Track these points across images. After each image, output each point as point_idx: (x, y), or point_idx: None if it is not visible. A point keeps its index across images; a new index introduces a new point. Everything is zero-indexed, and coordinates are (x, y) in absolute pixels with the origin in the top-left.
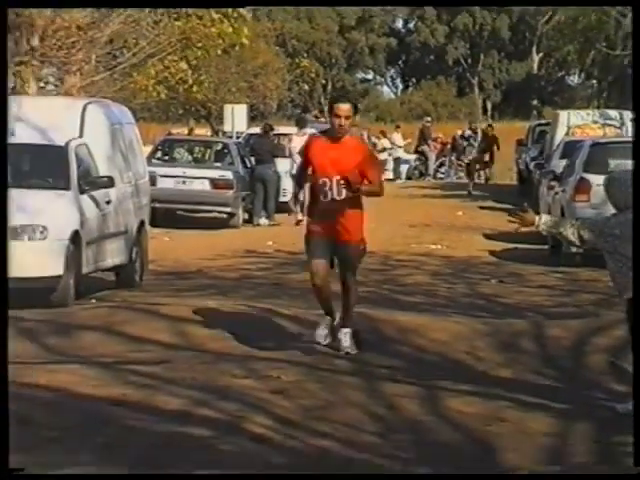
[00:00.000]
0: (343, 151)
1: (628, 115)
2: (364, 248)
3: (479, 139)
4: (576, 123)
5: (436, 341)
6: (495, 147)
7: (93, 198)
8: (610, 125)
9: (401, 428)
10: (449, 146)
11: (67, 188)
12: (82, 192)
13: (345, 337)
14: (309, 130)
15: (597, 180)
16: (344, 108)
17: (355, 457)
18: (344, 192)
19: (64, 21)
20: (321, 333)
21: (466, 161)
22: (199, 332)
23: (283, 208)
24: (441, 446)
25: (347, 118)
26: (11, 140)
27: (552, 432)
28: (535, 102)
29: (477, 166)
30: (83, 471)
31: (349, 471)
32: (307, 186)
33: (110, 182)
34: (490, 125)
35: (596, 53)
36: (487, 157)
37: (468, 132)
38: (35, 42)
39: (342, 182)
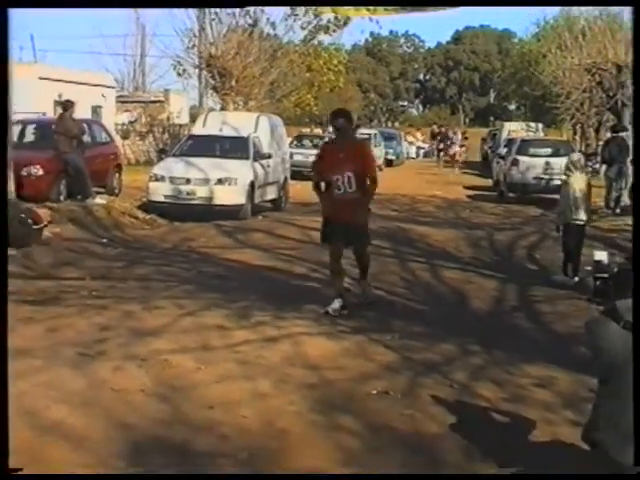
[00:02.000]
0: (349, 153)
1: (539, 126)
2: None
3: (460, 137)
4: (512, 129)
5: (437, 241)
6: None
7: (261, 164)
8: (530, 130)
9: (416, 285)
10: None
11: (247, 158)
12: (255, 160)
13: (364, 284)
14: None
15: (522, 159)
16: (336, 121)
17: (393, 300)
18: (354, 185)
19: (248, 72)
20: (334, 307)
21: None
22: (315, 234)
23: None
24: (438, 295)
25: (339, 129)
26: (220, 134)
27: (498, 288)
28: (492, 118)
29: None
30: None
31: (390, 307)
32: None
33: (269, 156)
34: (465, 131)
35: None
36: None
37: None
38: (233, 83)
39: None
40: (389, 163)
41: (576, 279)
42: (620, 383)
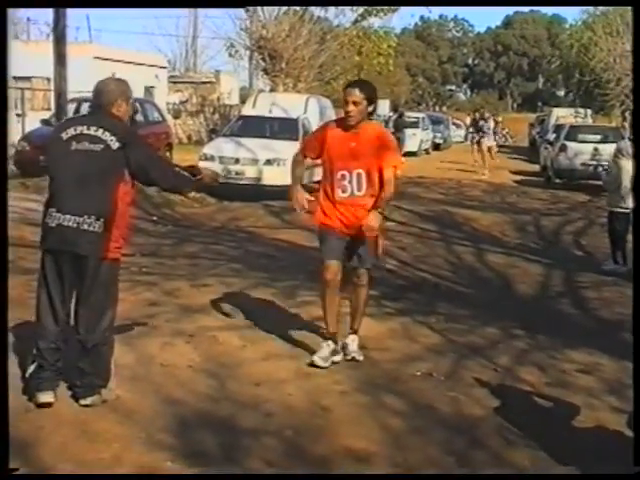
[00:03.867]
0: (361, 141)
1: (588, 112)
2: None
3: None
4: (561, 115)
5: (483, 225)
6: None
7: None
8: (579, 116)
9: (463, 269)
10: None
11: (296, 139)
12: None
13: (353, 343)
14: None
15: (570, 144)
16: (352, 92)
17: (439, 282)
18: (364, 187)
19: (298, 55)
20: (322, 355)
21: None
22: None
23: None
24: (483, 279)
25: (355, 104)
26: (270, 115)
27: (543, 274)
28: (540, 104)
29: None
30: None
31: (436, 289)
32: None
33: None
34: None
35: (573, 79)
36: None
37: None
38: (283, 65)
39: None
40: (436, 147)
41: (628, 266)
42: None
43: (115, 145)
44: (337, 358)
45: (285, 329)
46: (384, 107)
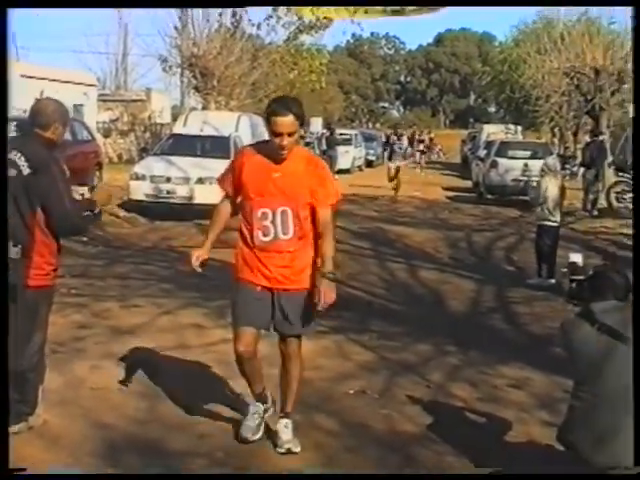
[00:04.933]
0: (287, 171)
1: (518, 128)
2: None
3: (405, 144)
4: (492, 131)
5: (416, 242)
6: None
7: None
8: (509, 133)
9: (395, 286)
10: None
11: (228, 157)
12: None
13: (286, 430)
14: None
15: (501, 161)
16: (286, 122)
17: (371, 300)
18: (291, 228)
19: (229, 72)
20: (250, 425)
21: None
22: None
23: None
24: (416, 295)
25: (291, 135)
26: (200, 133)
27: (475, 290)
28: (471, 120)
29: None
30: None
31: (369, 307)
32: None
33: None
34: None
35: (504, 96)
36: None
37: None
38: (215, 83)
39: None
40: (369, 164)
41: (552, 281)
42: (594, 385)
43: (26, 171)
44: (270, 413)
45: (216, 350)
46: (317, 125)
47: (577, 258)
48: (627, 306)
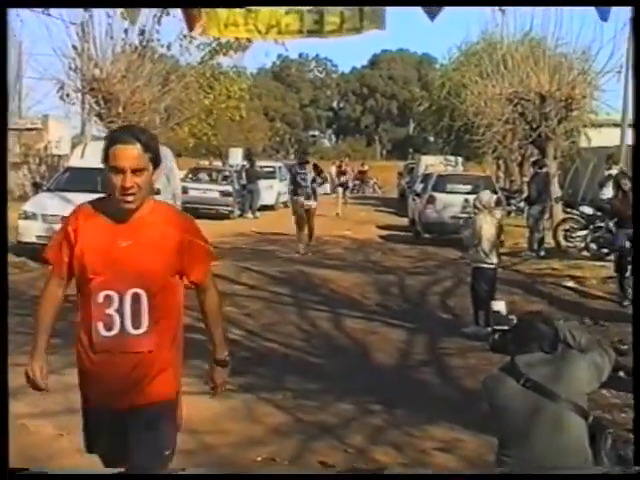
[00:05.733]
0: (141, 237)
1: (459, 159)
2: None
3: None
4: (430, 163)
5: (342, 287)
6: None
7: None
8: (449, 164)
9: (317, 337)
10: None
11: None
12: None
13: None
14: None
15: (439, 196)
16: (129, 154)
17: (289, 353)
18: (146, 319)
19: (137, 98)
20: None
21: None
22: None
23: (260, 208)
24: (339, 347)
25: (138, 173)
26: (100, 166)
27: (405, 340)
28: (411, 150)
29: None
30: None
31: (284, 361)
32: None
33: (157, 191)
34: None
35: (444, 124)
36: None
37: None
38: (120, 110)
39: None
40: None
41: (489, 329)
42: (520, 448)
43: None
44: None
45: None
46: (236, 156)
47: (499, 306)
48: (555, 358)
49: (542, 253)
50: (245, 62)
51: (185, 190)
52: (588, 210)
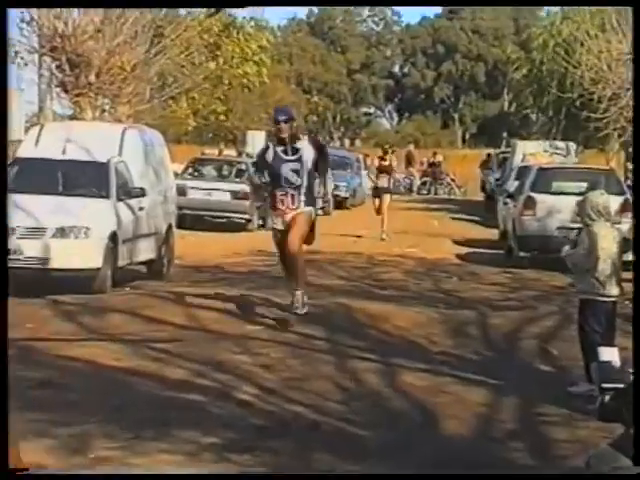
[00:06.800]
0: None
1: (572, 146)
2: None
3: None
4: (529, 151)
5: (399, 327)
6: None
7: (128, 205)
8: (557, 154)
9: (361, 397)
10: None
11: (107, 196)
12: (119, 200)
13: None
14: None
15: (541, 198)
16: None
17: (320, 420)
18: None
19: (116, 61)
20: None
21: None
22: (209, 316)
23: None
24: (393, 413)
25: None
26: (62, 157)
27: (487, 403)
28: (505, 134)
29: None
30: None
31: (314, 432)
32: None
33: (142, 192)
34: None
35: (550, 96)
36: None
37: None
38: (92, 78)
39: None
40: (340, 204)
41: (596, 387)
42: None
43: None
44: None
45: None
46: (257, 142)
47: (611, 355)
48: None
49: None
50: (268, 12)
51: (183, 191)
52: None
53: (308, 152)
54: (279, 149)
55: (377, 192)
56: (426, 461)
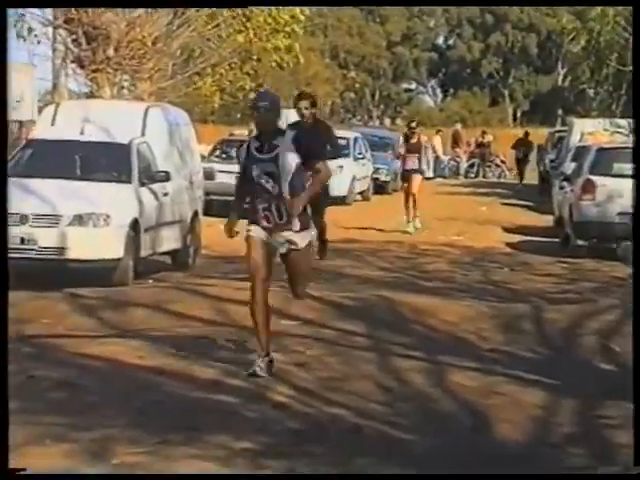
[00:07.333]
0: None
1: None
2: None
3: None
4: (588, 130)
5: (446, 322)
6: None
7: (152, 191)
8: (619, 132)
9: (407, 398)
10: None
11: (128, 181)
12: (141, 185)
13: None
14: None
15: (601, 181)
16: None
17: (362, 424)
18: None
19: (136, 34)
20: None
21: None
22: (240, 310)
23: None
24: (441, 416)
25: None
26: (80, 138)
27: (544, 405)
28: (560, 111)
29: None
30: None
31: (356, 435)
32: None
33: (167, 177)
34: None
35: (610, 69)
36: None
37: (481, 139)
38: (110, 52)
39: None
40: (380, 188)
41: None
42: None
43: None
44: None
45: None
46: (292, 119)
47: None
48: None
49: None
50: None
51: (210, 174)
52: None
53: (288, 151)
54: (254, 145)
55: (405, 175)
56: (476, 467)
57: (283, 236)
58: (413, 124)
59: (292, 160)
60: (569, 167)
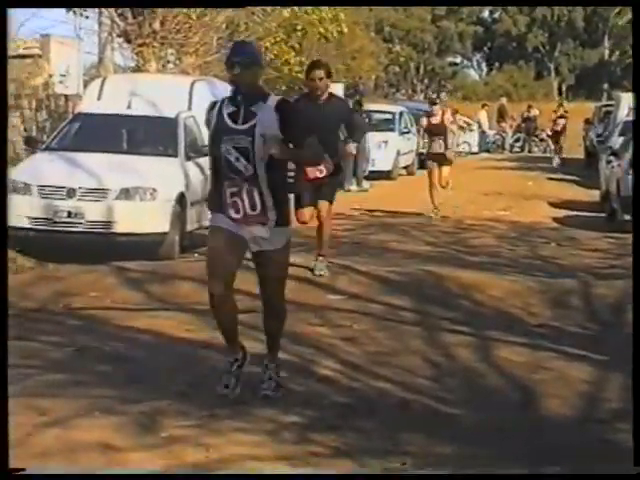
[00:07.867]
0: None
1: None
2: None
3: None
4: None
5: (493, 297)
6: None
7: (198, 165)
8: None
9: (454, 374)
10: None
11: (175, 155)
12: (188, 159)
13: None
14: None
15: None
16: None
17: (409, 398)
18: None
19: (182, 9)
20: None
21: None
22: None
23: (371, 176)
24: (488, 391)
25: None
26: (127, 112)
27: (592, 381)
28: (606, 85)
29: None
30: None
31: (404, 410)
32: None
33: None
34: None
35: None
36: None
37: (527, 113)
38: (156, 26)
39: None
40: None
41: None
42: None
43: None
44: None
45: None
46: (338, 93)
47: None
48: None
49: None
50: None
51: None
52: None
53: (268, 120)
54: (227, 110)
55: (429, 159)
56: (523, 443)
57: (254, 232)
58: (435, 98)
59: (270, 131)
60: (617, 142)
